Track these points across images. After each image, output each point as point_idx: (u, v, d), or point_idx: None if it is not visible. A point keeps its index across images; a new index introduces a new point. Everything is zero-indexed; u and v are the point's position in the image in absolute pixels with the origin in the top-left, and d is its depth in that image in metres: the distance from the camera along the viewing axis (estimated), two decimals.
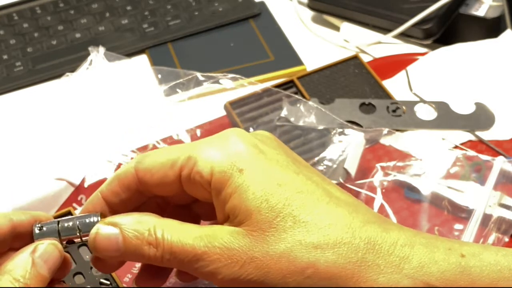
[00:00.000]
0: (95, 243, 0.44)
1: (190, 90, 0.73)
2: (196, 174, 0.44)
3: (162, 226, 0.44)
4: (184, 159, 0.45)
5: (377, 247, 0.41)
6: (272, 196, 0.42)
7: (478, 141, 0.67)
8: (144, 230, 0.43)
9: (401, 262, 0.41)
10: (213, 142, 0.45)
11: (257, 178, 0.43)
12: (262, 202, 0.42)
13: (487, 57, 0.74)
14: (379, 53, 0.79)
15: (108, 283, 0.53)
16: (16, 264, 0.42)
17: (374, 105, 0.69)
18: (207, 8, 0.86)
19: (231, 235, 0.42)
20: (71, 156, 0.67)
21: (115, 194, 0.47)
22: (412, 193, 0.62)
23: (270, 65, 0.79)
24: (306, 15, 0.86)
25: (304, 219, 0.42)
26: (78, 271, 0.54)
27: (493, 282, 0.41)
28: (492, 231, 0.58)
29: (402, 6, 0.80)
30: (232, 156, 0.44)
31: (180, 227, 0.44)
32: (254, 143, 0.45)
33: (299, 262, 0.41)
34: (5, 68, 0.81)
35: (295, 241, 0.41)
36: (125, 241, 0.44)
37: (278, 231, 0.42)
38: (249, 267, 0.42)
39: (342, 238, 0.41)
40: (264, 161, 0.44)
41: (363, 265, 0.41)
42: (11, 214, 0.45)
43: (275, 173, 0.43)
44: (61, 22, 0.86)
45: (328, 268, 0.41)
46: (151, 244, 0.43)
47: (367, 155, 0.65)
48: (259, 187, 0.43)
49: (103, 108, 0.71)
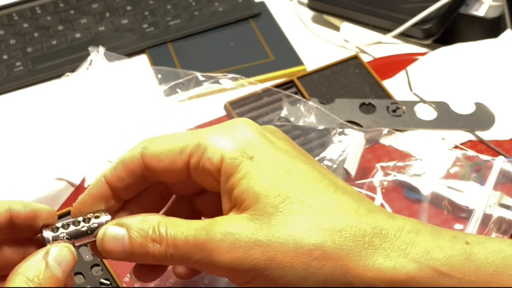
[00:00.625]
0: (103, 244, 0.44)
1: (190, 90, 0.73)
2: (206, 161, 0.44)
3: (166, 222, 0.44)
4: (193, 146, 0.45)
5: (384, 232, 0.42)
6: (280, 182, 0.43)
7: (478, 141, 0.67)
8: (149, 228, 0.44)
9: (407, 247, 0.41)
10: (222, 130, 0.46)
11: (267, 165, 0.43)
12: (270, 187, 0.43)
13: (487, 57, 0.74)
14: (379, 53, 0.79)
15: (108, 283, 0.53)
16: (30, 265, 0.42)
17: (374, 105, 0.69)
18: (207, 8, 0.86)
19: (234, 221, 0.43)
20: (71, 156, 0.67)
21: (119, 179, 0.47)
22: (412, 193, 0.62)
23: (270, 65, 0.79)
24: (306, 15, 0.86)
25: (311, 204, 0.42)
26: (78, 271, 0.54)
27: (498, 268, 0.41)
28: (492, 231, 0.58)
29: (402, 6, 0.80)
30: (242, 144, 0.44)
31: (182, 222, 0.44)
32: (262, 132, 0.45)
33: (306, 244, 0.41)
34: (5, 68, 0.81)
35: (302, 224, 0.42)
36: (130, 241, 0.44)
37: (285, 215, 0.42)
38: (254, 251, 0.42)
39: (349, 222, 0.42)
40: (273, 150, 0.44)
41: (370, 248, 0.41)
42: (10, 202, 0.44)
43: (284, 161, 0.44)
44: (61, 22, 0.86)
45: (336, 250, 0.41)
46: (155, 241, 0.43)
47: (367, 155, 0.65)
48: (268, 174, 0.43)
49: (103, 108, 0.71)
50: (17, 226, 0.44)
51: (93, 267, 0.54)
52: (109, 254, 0.45)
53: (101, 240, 0.44)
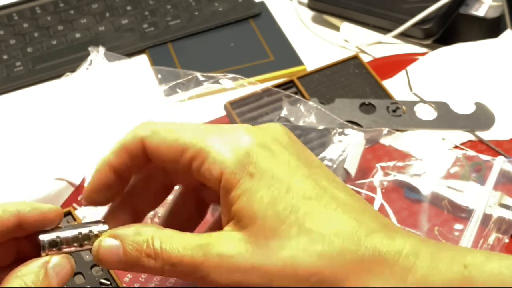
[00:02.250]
0: (98, 255, 0.44)
1: (190, 90, 0.73)
2: (206, 171, 0.44)
3: (160, 236, 0.43)
4: (195, 151, 0.44)
5: (382, 256, 0.41)
6: (279, 203, 0.42)
7: (478, 141, 0.67)
8: (143, 241, 0.43)
9: (405, 272, 0.41)
10: (224, 136, 0.45)
11: (266, 183, 0.43)
12: (268, 209, 0.42)
13: (487, 57, 0.74)
14: (379, 53, 0.79)
15: (108, 283, 0.53)
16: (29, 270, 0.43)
17: (374, 105, 0.69)
18: (207, 8, 0.86)
19: (231, 242, 0.42)
20: (71, 156, 0.67)
21: (123, 163, 0.47)
22: (412, 193, 0.62)
23: (270, 65, 0.79)
24: (306, 15, 0.86)
25: (309, 227, 0.42)
26: (78, 271, 0.54)
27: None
28: (492, 231, 0.58)
29: (402, 6, 0.80)
30: (242, 158, 0.43)
31: (178, 238, 0.43)
32: (264, 143, 0.44)
33: (303, 270, 0.41)
34: (5, 68, 0.81)
35: (299, 249, 0.41)
36: (125, 253, 0.44)
37: (282, 238, 0.42)
38: (251, 275, 0.42)
39: (347, 247, 0.41)
40: (274, 165, 0.43)
41: (369, 274, 0.41)
42: (18, 205, 0.44)
43: (284, 178, 0.43)
44: (61, 22, 0.86)
45: (333, 277, 0.41)
46: (149, 256, 0.43)
47: (367, 155, 0.65)
48: (267, 193, 0.42)
49: (103, 108, 0.71)
50: (24, 227, 0.45)
51: (93, 267, 0.54)
52: (105, 264, 0.45)
53: (97, 251, 0.44)
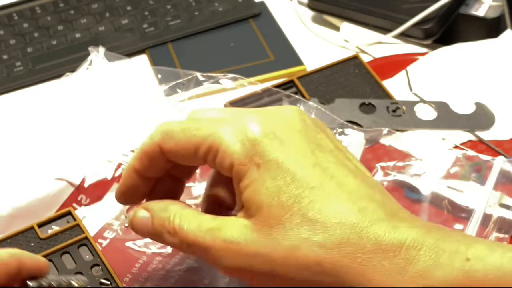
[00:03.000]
0: (132, 224, 0.49)
1: (190, 90, 0.72)
2: (219, 163, 0.46)
3: (181, 215, 0.46)
4: (208, 145, 0.46)
5: (383, 247, 0.42)
6: (283, 192, 0.43)
7: (478, 141, 0.67)
8: (167, 218, 0.46)
9: (406, 264, 0.41)
10: (234, 124, 0.46)
11: (272, 173, 0.44)
12: (273, 198, 0.43)
13: (487, 57, 0.74)
14: (379, 53, 0.79)
15: (108, 283, 0.53)
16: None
17: (374, 105, 0.69)
18: (207, 8, 0.86)
19: (239, 229, 0.44)
20: (71, 156, 0.67)
21: (146, 167, 0.49)
22: (412, 193, 0.62)
23: (270, 65, 0.79)
24: (306, 15, 0.86)
25: (312, 217, 0.43)
26: (78, 271, 0.54)
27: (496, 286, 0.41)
28: (492, 231, 0.58)
29: (402, 6, 0.80)
30: (250, 148, 0.45)
31: (196, 219, 0.46)
32: (273, 131, 0.45)
33: (304, 259, 0.42)
34: (5, 68, 0.81)
35: (301, 238, 0.42)
36: (153, 226, 0.47)
37: (285, 228, 0.43)
38: (255, 262, 0.43)
39: (348, 238, 0.42)
40: (281, 154, 0.44)
41: (369, 265, 0.41)
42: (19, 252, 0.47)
43: (291, 167, 0.44)
44: (61, 22, 0.86)
45: (334, 267, 0.42)
46: (169, 233, 0.46)
47: (367, 155, 0.65)
48: (272, 183, 0.44)
49: (103, 108, 0.71)
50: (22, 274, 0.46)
51: (93, 267, 0.54)
52: (138, 233, 0.49)
53: (131, 220, 0.49)
